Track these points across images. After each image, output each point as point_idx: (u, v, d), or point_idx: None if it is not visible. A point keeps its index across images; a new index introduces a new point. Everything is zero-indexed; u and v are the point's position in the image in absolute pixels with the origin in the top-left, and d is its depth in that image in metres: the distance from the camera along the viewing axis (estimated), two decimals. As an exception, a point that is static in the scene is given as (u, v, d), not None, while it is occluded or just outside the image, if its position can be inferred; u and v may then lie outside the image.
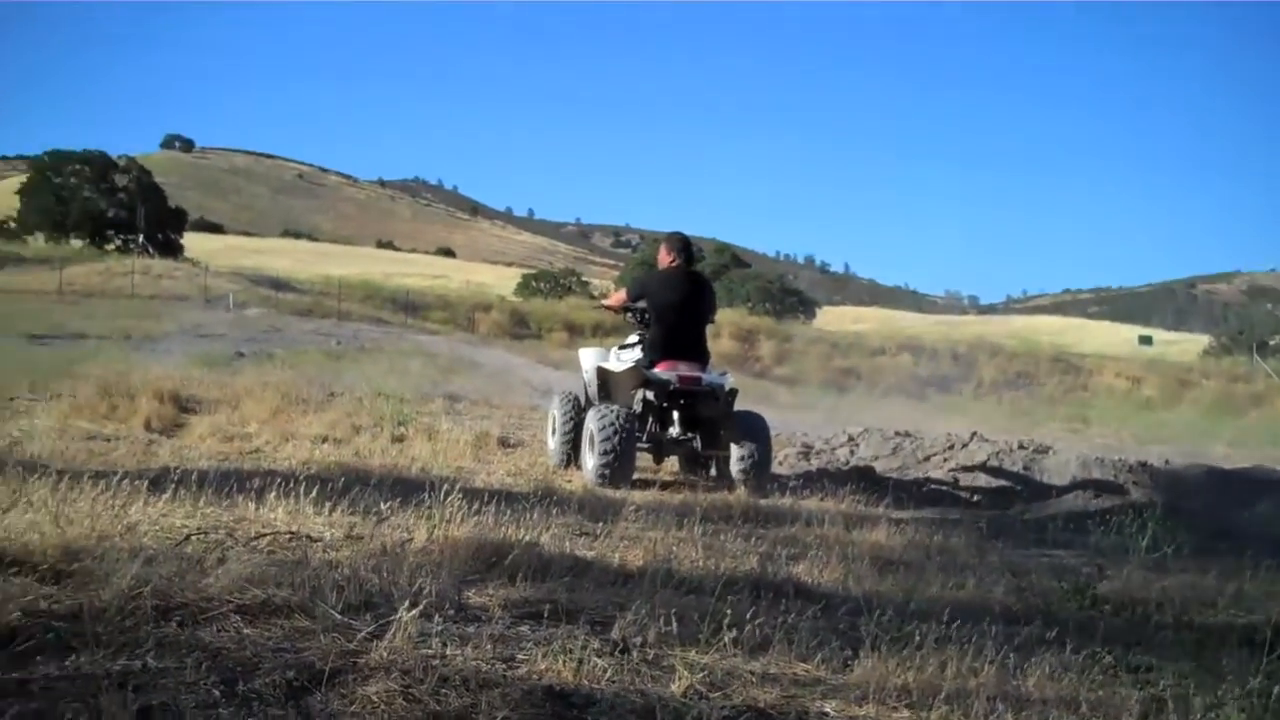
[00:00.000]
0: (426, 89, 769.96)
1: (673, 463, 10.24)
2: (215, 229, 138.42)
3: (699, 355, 9.50)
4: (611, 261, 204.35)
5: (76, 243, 71.79)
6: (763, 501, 8.16)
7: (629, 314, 10.04)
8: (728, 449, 9.22)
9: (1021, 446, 11.18)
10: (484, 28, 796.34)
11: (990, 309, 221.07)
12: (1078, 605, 5.31)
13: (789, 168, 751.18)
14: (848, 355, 52.55)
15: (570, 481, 8.96)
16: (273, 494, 5.86)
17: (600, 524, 6.45)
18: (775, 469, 10.07)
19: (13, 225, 78.63)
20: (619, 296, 10.45)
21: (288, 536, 5.18)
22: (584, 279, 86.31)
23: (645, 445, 9.48)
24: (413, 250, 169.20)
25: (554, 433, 10.17)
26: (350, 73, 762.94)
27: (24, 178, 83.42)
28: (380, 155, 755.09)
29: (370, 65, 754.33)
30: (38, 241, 70.20)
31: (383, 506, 5.91)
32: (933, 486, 10.30)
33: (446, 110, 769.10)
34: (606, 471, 8.70)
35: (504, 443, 11.23)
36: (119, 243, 73.71)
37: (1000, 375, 51.16)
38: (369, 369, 21.06)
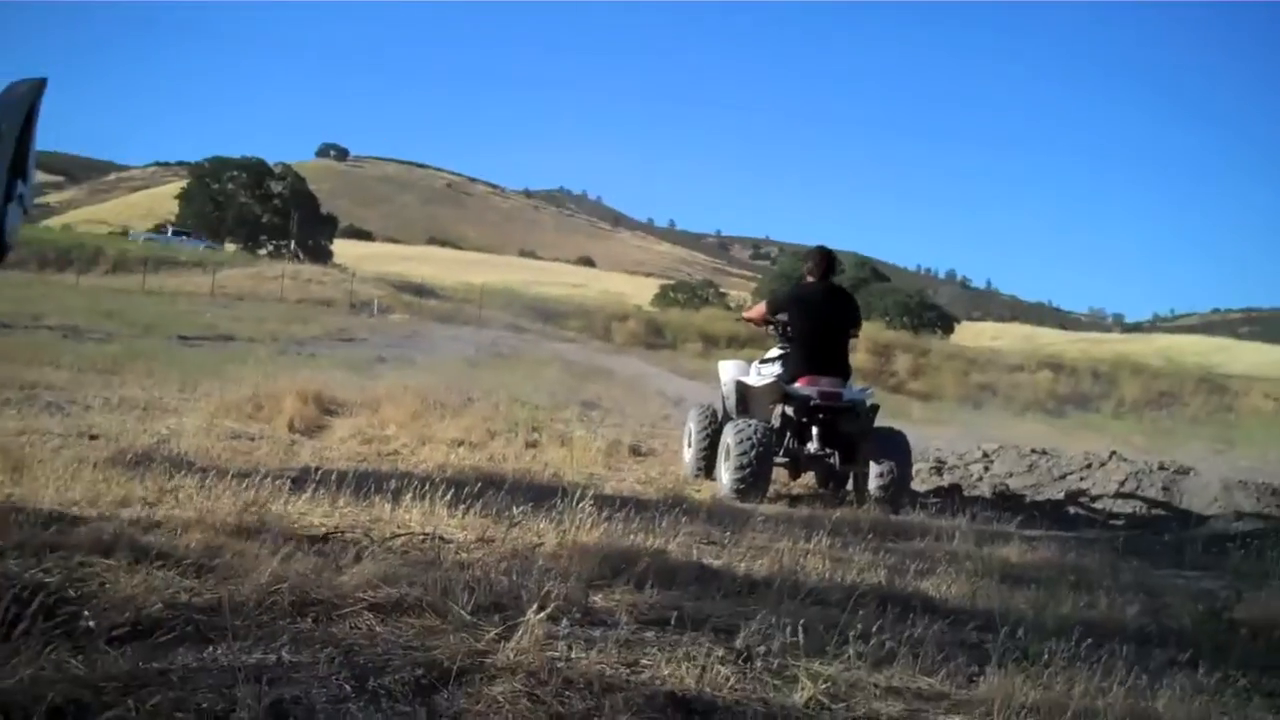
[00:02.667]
0: (573, 99, 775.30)
1: (808, 477, 10.16)
2: (364, 236, 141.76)
3: (840, 370, 9.44)
4: (750, 273, 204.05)
5: (231, 247, 74.09)
6: (893, 516, 8.10)
7: (770, 327, 10.01)
8: (866, 465, 9.09)
9: (1162, 467, 10.87)
10: (626, 35, 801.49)
11: (1136, 327, 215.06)
12: (1213, 628, 5.16)
13: (934, 181, 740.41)
14: (985, 371, 51.84)
15: (699, 491, 8.97)
16: (409, 496, 5.98)
17: (728, 534, 6.46)
18: (907, 484, 9.98)
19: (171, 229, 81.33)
20: (760, 309, 10.39)
21: (422, 538, 5.29)
22: (721, 290, 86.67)
23: (782, 460, 9.43)
24: (554, 259, 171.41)
25: (689, 444, 10.18)
26: (500, 82, 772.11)
27: (185, 183, 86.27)
28: (527, 165, 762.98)
29: (519, 74, 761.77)
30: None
31: (515, 511, 5.96)
32: (1068, 505, 10.11)
33: (592, 121, 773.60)
34: (742, 486, 8.67)
35: (635, 451, 11.29)
36: (271, 248, 75.96)
37: (1143, 394, 50.02)
38: (506, 375, 21.29)
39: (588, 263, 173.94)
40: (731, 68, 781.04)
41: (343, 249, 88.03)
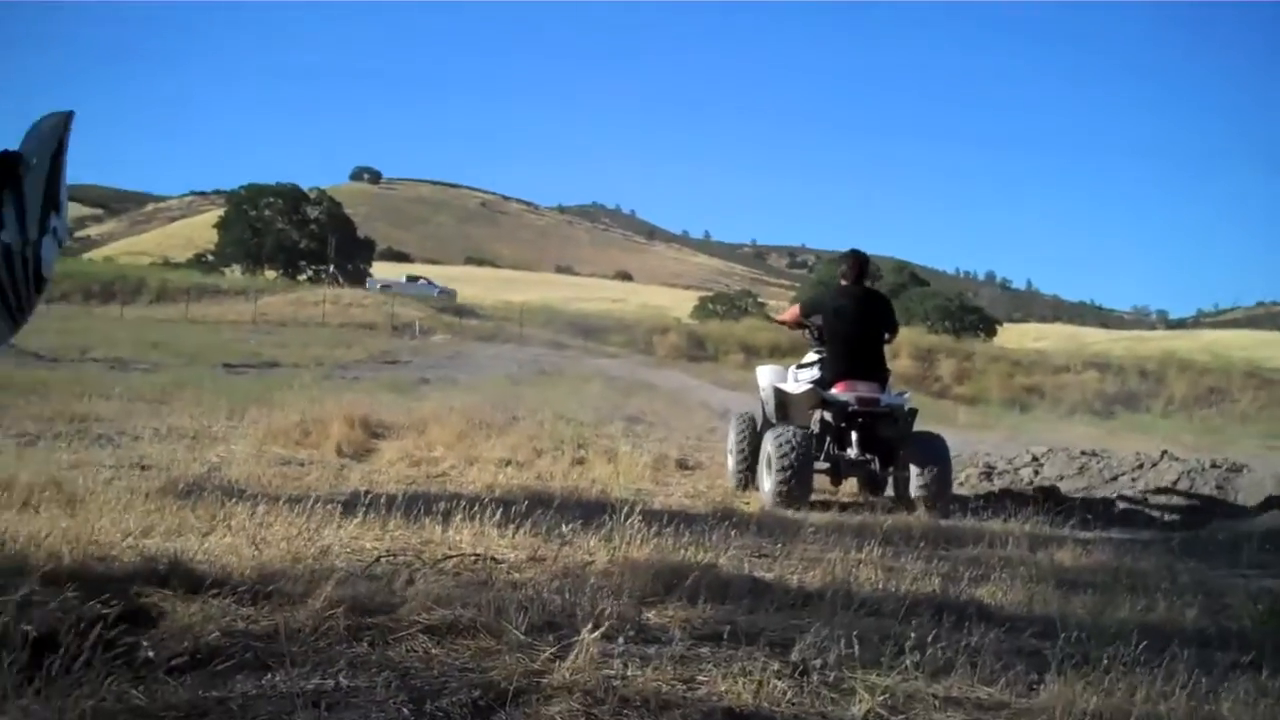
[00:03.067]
0: (605, 113, 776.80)
1: (852, 484, 10.13)
2: (402, 258, 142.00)
3: (877, 375, 9.39)
4: (787, 282, 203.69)
5: (270, 273, 74.68)
6: (944, 522, 8.06)
7: (804, 330, 10.00)
8: (907, 470, 9.05)
9: (1214, 465, 10.76)
10: (654, 47, 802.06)
11: (1180, 323, 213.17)
12: (1275, 628, 5.08)
13: (971, 183, 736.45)
14: (1030, 373, 51.61)
15: (748, 503, 8.94)
16: (459, 517, 6.00)
17: (779, 545, 6.44)
18: (956, 489, 9.92)
19: (211, 258, 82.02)
20: (793, 312, 10.38)
21: (473, 559, 5.28)
22: (760, 300, 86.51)
23: (823, 466, 9.39)
24: (591, 275, 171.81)
25: (731, 454, 10.16)
26: (530, 98, 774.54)
27: (222, 212, 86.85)
28: (560, 182, 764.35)
29: (550, 90, 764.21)
30: (234, 274, 73.21)
31: (565, 529, 5.96)
32: (1121, 507, 10.01)
33: (625, 135, 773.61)
34: (783, 492, 8.65)
35: (682, 465, 11.29)
36: (310, 273, 76.49)
37: (1191, 392, 49.62)
38: (549, 393, 21.33)
39: (625, 277, 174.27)
40: (761, 75, 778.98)
41: (381, 271, 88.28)
